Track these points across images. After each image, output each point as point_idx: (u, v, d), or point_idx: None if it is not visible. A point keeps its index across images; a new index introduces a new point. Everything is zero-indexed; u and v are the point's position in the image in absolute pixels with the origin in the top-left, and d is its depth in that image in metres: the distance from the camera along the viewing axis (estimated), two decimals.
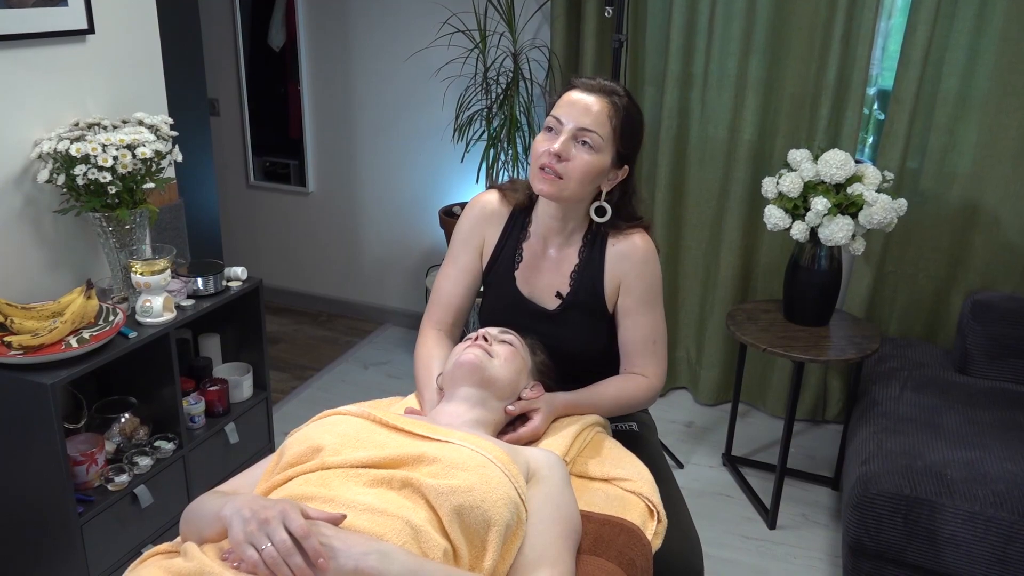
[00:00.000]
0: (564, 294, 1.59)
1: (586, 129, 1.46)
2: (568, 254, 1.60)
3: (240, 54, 3.74)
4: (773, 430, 3.04)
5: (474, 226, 1.67)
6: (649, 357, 1.59)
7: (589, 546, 1.29)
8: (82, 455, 1.93)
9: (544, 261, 1.61)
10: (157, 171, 2.04)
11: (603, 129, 1.47)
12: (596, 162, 1.48)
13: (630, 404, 1.59)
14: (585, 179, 1.48)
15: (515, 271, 1.63)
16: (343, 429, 1.21)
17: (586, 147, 1.46)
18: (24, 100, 1.96)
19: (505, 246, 1.64)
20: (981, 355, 2.49)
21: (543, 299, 1.61)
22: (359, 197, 3.78)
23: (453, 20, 3.21)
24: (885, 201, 2.29)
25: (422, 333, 1.70)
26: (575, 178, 1.47)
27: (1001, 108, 2.53)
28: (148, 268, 1.96)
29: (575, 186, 1.48)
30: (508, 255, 1.64)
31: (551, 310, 1.60)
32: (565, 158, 1.46)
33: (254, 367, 2.42)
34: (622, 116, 1.49)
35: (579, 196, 1.52)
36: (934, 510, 1.95)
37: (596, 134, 1.46)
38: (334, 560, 0.96)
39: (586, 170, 1.47)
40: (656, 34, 2.93)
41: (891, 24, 2.82)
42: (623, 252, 1.56)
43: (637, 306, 1.57)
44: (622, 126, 1.49)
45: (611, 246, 1.57)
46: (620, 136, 1.49)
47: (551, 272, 1.60)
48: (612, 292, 1.58)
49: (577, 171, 1.46)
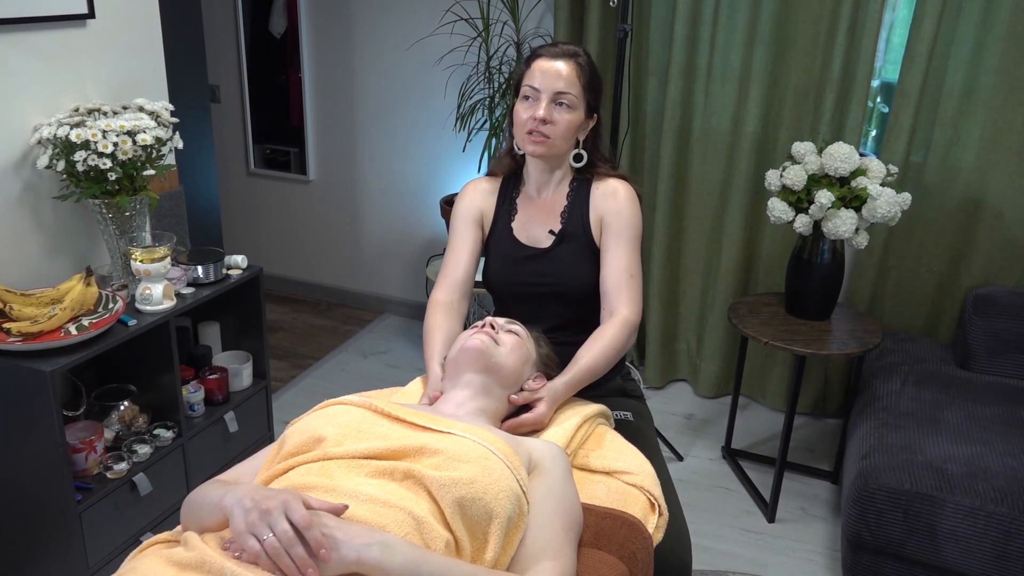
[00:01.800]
0: (556, 231, 1.72)
1: (562, 92, 1.63)
2: (558, 199, 1.75)
3: (241, 41, 3.72)
4: (773, 423, 3.04)
5: (470, 203, 1.81)
6: (624, 291, 1.66)
7: (590, 539, 1.29)
8: (81, 443, 1.92)
9: (538, 210, 1.76)
10: (157, 158, 2.03)
11: (575, 88, 1.64)
12: (575, 119, 1.66)
13: (616, 349, 1.63)
14: (568, 135, 1.67)
15: (512, 223, 1.77)
16: (345, 419, 1.20)
17: (564, 107, 1.65)
18: (24, 85, 1.94)
19: (502, 209, 1.79)
20: (982, 350, 2.49)
21: (539, 240, 1.74)
22: (360, 186, 3.77)
23: (456, 8, 3.19)
24: (889, 195, 2.28)
25: (430, 305, 1.77)
26: (560, 136, 1.65)
27: (1006, 103, 2.52)
28: (148, 255, 1.95)
29: (561, 143, 1.67)
30: (505, 214, 1.79)
31: (546, 247, 1.73)
32: (550, 121, 1.64)
33: (254, 356, 2.41)
34: (587, 73, 1.66)
35: (565, 149, 1.71)
36: (934, 505, 1.95)
37: (571, 94, 1.64)
38: (336, 551, 0.96)
39: (568, 127, 1.66)
40: (660, 25, 2.92)
41: (896, 17, 2.81)
42: (605, 192, 1.72)
43: (615, 240, 1.69)
44: (589, 82, 1.66)
45: (595, 188, 1.73)
46: (589, 91, 1.67)
47: (544, 216, 1.75)
48: (597, 228, 1.72)
49: (561, 129, 1.65)
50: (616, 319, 1.64)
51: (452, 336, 1.65)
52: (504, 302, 1.81)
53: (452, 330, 1.69)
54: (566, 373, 1.56)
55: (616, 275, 1.67)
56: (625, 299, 1.66)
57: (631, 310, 1.66)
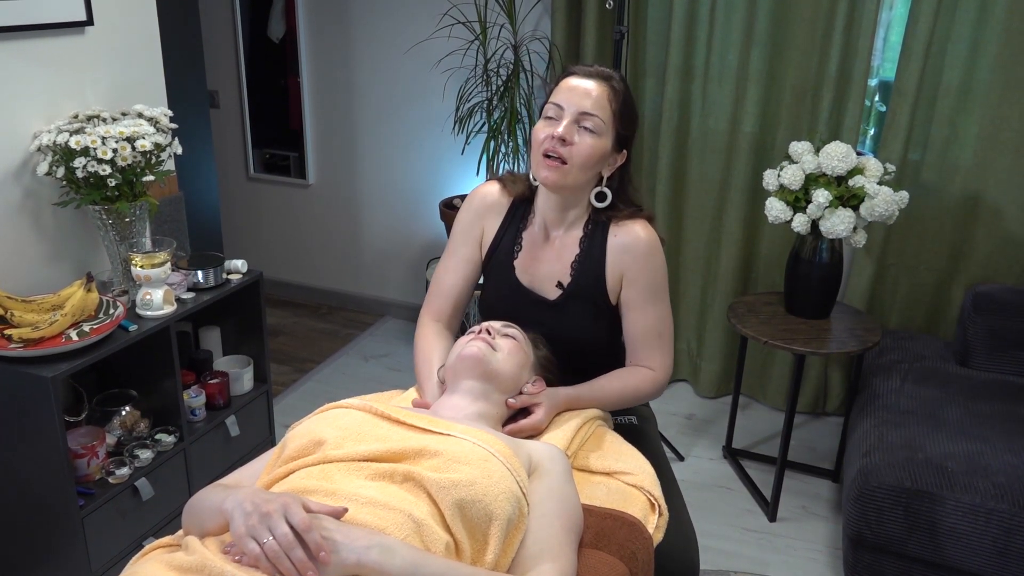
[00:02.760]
0: (565, 284, 1.58)
1: (588, 113, 1.46)
2: (569, 244, 1.58)
3: (240, 46, 3.72)
4: (774, 422, 3.04)
5: (474, 217, 1.68)
6: (654, 350, 1.58)
7: (591, 540, 1.29)
8: (83, 448, 1.93)
9: (544, 251, 1.60)
10: (157, 164, 2.04)
11: (604, 112, 1.47)
12: (599, 146, 1.47)
13: (635, 398, 1.58)
14: (588, 163, 1.48)
15: (514, 260, 1.62)
16: (345, 422, 1.21)
17: (588, 131, 1.46)
18: (23, 92, 1.95)
19: (504, 236, 1.64)
20: (982, 347, 2.49)
21: (543, 288, 1.60)
22: (359, 189, 3.78)
23: (453, 11, 3.19)
24: (887, 193, 2.28)
25: (420, 325, 1.70)
26: (578, 163, 1.46)
27: (1003, 100, 2.52)
28: (148, 261, 1.95)
29: (578, 172, 1.48)
30: (507, 245, 1.63)
31: (552, 300, 1.59)
32: (569, 142, 1.46)
33: (255, 360, 2.42)
34: (621, 99, 1.49)
35: (581, 183, 1.51)
36: (935, 502, 1.95)
37: (598, 117, 1.46)
38: (336, 553, 0.96)
39: (589, 154, 1.46)
40: (657, 26, 2.92)
41: (893, 15, 2.81)
42: (625, 244, 1.55)
43: (641, 298, 1.56)
44: (621, 109, 1.49)
45: (612, 236, 1.55)
46: (620, 119, 1.49)
47: (552, 261, 1.59)
48: (614, 284, 1.57)
49: (581, 155, 1.46)
50: (650, 375, 1.58)
51: (443, 356, 1.56)
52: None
53: (444, 349, 1.60)
54: (575, 387, 1.52)
55: (643, 337, 1.57)
56: (657, 360, 1.58)
57: (663, 371, 1.59)
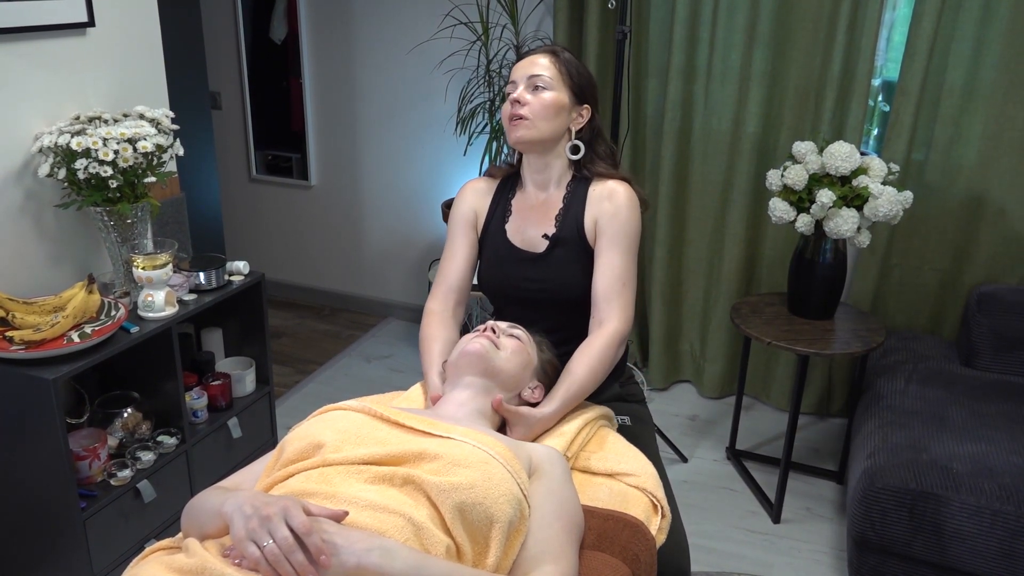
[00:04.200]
0: (550, 235, 1.67)
1: (535, 75, 1.61)
2: (554, 200, 1.69)
3: (241, 47, 3.73)
4: (777, 424, 3.03)
5: (466, 206, 1.77)
6: (615, 300, 1.60)
7: (593, 541, 1.29)
8: (84, 450, 1.93)
9: (533, 211, 1.71)
10: (158, 165, 2.04)
11: (549, 71, 1.62)
12: (553, 97, 1.61)
13: (605, 364, 1.57)
14: (548, 113, 1.61)
15: (505, 224, 1.72)
16: (344, 425, 1.20)
17: (540, 89, 1.61)
18: (24, 94, 1.95)
19: (496, 210, 1.74)
20: (987, 348, 2.48)
21: (533, 244, 1.69)
22: (361, 191, 3.77)
23: (455, 12, 3.19)
24: (891, 193, 2.27)
25: (425, 314, 1.74)
26: (539, 114, 1.60)
27: (1007, 99, 2.51)
28: (150, 262, 1.95)
29: (542, 123, 1.61)
30: (499, 215, 1.74)
31: (539, 252, 1.68)
32: (524, 102, 1.61)
33: (257, 361, 2.42)
34: (565, 60, 1.64)
35: (550, 133, 1.63)
36: (940, 504, 1.94)
37: (544, 75, 1.61)
38: (336, 557, 0.96)
39: (546, 105, 1.61)
40: (659, 26, 2.92)
41: (896, 15, 2.80)
42: (602, 194, 1.65)
43: (610, 245, 1.62)
44: (568, 68, 1.63)
45: (592, 189, 1.67)
46: (569, 75, 1.63)
47: (539, 218, 1.69)
48: (592, 229, 1.65)
49: (538, 107, 1.60)
50: (605, 331, 1.58)
51: (450, 345, 1.61)
52: (498, 304, 1.78)
53: (449, 339, 1.66)
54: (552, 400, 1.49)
55: (607, 283, 1.60)
56: (616, 309, 1.59)
57: (621, 321, 1.59)
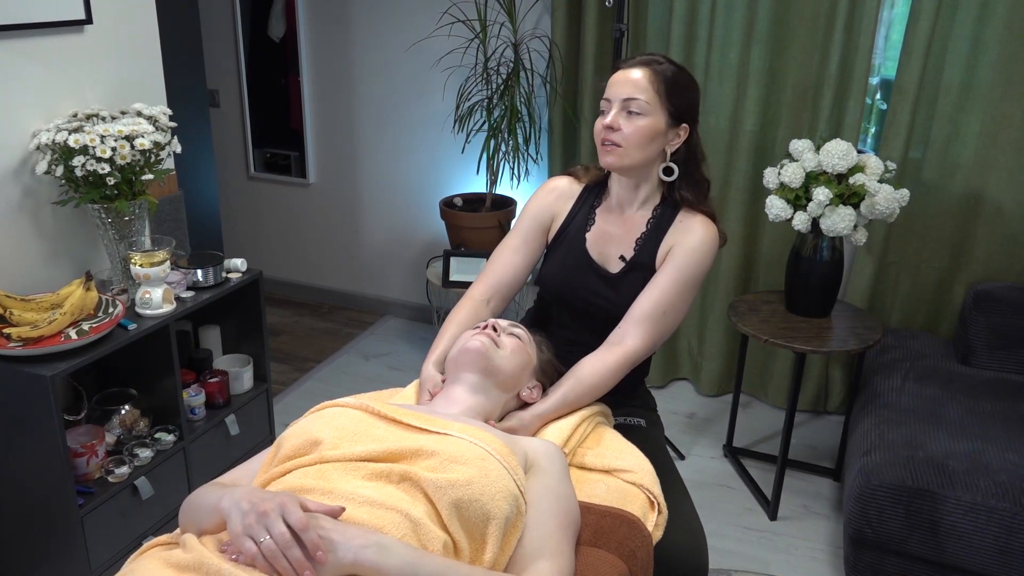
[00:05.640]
0: (628, 258, 1.64)
1: (631, 98, 1.55)
2: (638, 222, 1.66)
3: (240, 45, 3.72)
4: (774, 421, 3.04)
5: (545, 204, 1.74)
6: (649, 325, 1.56)
7: (589, 537, 1.29)
8: (82, 447, 1.93)
9: (616, 227, 1.67)
10: (156, 162, 2.04)
11: (646, 94, 1.55)
12: (648, 125, 1.56)
13: (611, 380, 1.55)
14: (642, 142, 1.56)
15: (586, 233, 1.69)
16: (341, 422, 1.20)
17: (635, 114, 1.56)
18: (22, 91, 1.95)
19: (578, 214, 1.71)
20: (983, 346, 2.49)
21: (608, 262, 1.66)
22: (360, 188, 3.77)
23: (453, 10, 3.19)
24: (887, 191, 2.28)
25: (463, 299, 1.71)
26: (632, 143, 1.56)
27: (1005, 97, 2.51)
28: (147, 260, 1.95)
29: (634, 151, 1.57)
30: (580, 221, 1.70)
31: (614, 273, 1.65)
32: (618, 128, 1.56)
33: (254, 359, 2.42)
34: (663, 78, 1.56)
35: (642, 160, 1.59)
36: (936, 501, 1.94)
37: (640, 100, 1.55)
38: (333, 553, 0.96)
39: (640, 134, 1.56)
40: (657, 24, 2.92)
41: (894, 13, 2.81)
42: (685, 226, 1.62)
43: (670, 272, 1.58)
44: (666, 87, 1.56)
45: (679, 220, 1.63)
46: (667, 96, 1.56)
47: (620, 238, 1.66)
48: (662, 256, 1.62)
49: (632, 136, 1.55)
50: (624, 348, 1.55)
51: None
52: (551, 305, 1.74)
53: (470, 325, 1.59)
54: (549, 398, 1.50)
55: (651, 305, 1.56)
56: (645, 333, 1.56)
57: (643, 346, 1.56)
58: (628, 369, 1.57)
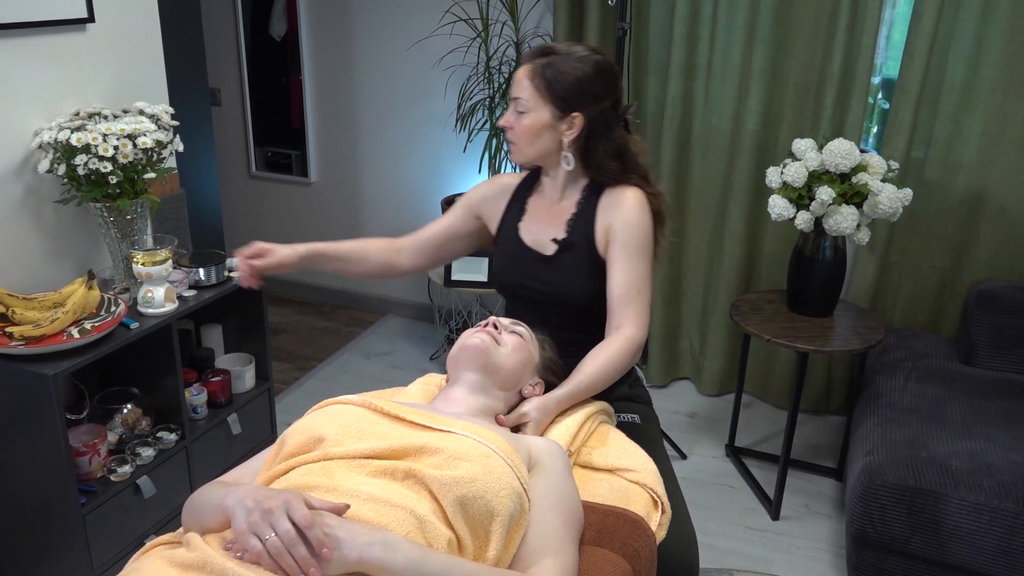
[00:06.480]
0: (559, 239, 1.69)
1: (515, 97, 1.64)
2: (567, 206, 1.71)
3: (241, 44, 3.72)
4: (777, 421, 3.04)
5: (479, 193, 1.83)
6: (630, 307, 1.61)
7: (593, 537, 1.29)
8: (84, 446, 1.93)
9: (547, 214, 1.73)
10: (158, 161, 2.04)
11: (527, 92, 1.62)
12: (531, 122, 1.63)
13: (618, 367, 1.58)
14: (529, 138, 1.65)
15: (519, 223, 1.75)
16: (345, 419, 1.20)
17: (521, 113, 1.64)
18: (24, 90, 1.95)
19: (512, 207, 1.78)
20: (986, 345, 2.49)
21: (543, 246, 1.71)
22: (361, 187, 3.77)
23: (455, 9, 3.19)
24: (890, 191, 2.28)
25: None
26: (522, 140, 1.65)
27: (1007, 97, 2.51)
28: (150, 258, 1.95)
29: (526, 147, 1.66)
30: (514, 213, 1.77)
31: (549, 255, 1.70)
32: (509, 127, 1.66)
33: (256, 358, 2.42)
34: (542, 73, 1.61)
35: (537, 155, 1.68)
36: (938, 501, 1.94)
37: (521, 99, 1.63)
38: (338, 550, 0.96)
39: (525, 132, 1.64)
40: (660, 23, 2.91)
41: (896, 13, 2.80)
42: (614, 201, 1.66)
43: (621, 252, 1.63)
44: (545, 81, 1.60)
45: (604, 196, 1.68)
46: (547, 90, 1.61)
47: (552, 220, 1.72)
48: (602, 237, 1.66)
49: (520, 134, 1.65)
50: (622, 336, 1.59)
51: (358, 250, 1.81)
52: (510, 303, 1.80)
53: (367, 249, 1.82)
54: (564, 386, 1.52)
55: (623, 290, 1.61)
56: (632, 316, 1.60)
57: (638, 328, 1.60)
58: (633, 353, 1.60)
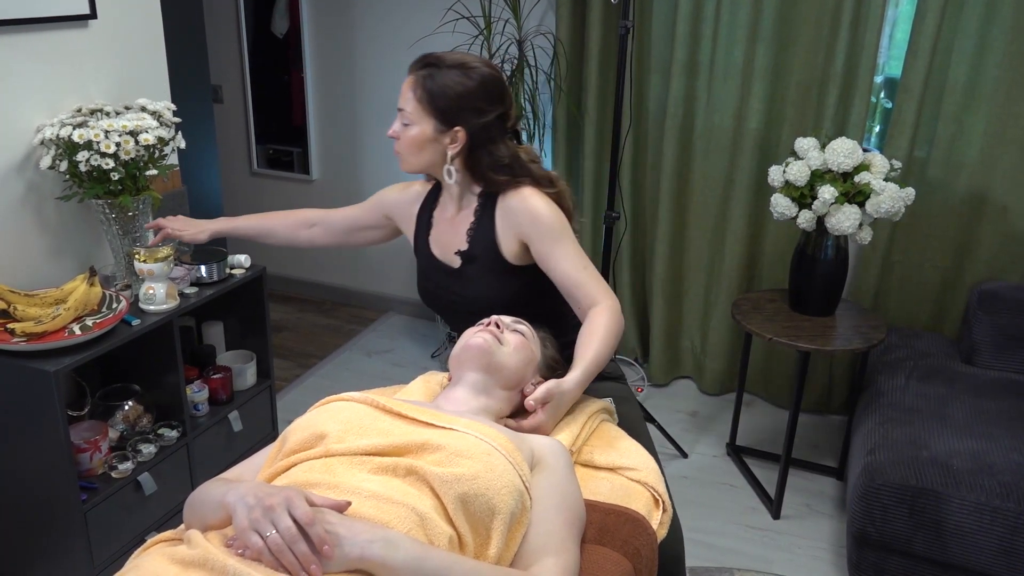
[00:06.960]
0: (462, 251, 1.69)
1: (400, 109, 1.63)
2: (465, 215, 1.70)
3: (243, 41, 3.72)
4: (778, 420, 3.03)
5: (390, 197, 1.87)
6: (590, 283, 1.59)
7: (594, 535, 1.29)
8: (86, 443, 1.93)
9: (449, 225, 1.73)
10: (160, 158, 2.03)
11: (409, 104, 1.60)
12: (415, 133, 1.61)
13: (615, 334, 1.57)
14: (413, 150, 1.63)
15: (428, 236, 1.77)
16: (347, 416, 1.20)
17: (405, 125, 1.62)
18: (26, 86, 1.95)
19: (421, 219, 1.79)
20: (988, 345, 2.48)
21: (449, 258, 1.72)
22: (362, 185, 3.77)
23: (457, 6, 3.18)
24: (893, 190, 2.27)
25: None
26: (406, 152, 1.64)
27: (1010, 97, 2.51)
28: (151, 255, 1.95)
29: (411, 158, 1.65)
30: (423, 226, 1.78)
31: (456, 267, 1.71)
32: (395, 137, 1.65)
33: (258, 355, 2.42)
34: (424, 86, 1.59)
35: (422, 166, 1.67)
36: (940, 501, 1.94)
37: (405, 111, 1.61)
38: (339, 547, 0.96)
39: (408, 144, 1.63)
40: (662, 21, 2.91)
41: (899, 12, 2.80)
42: (511, 206, 1.63)
43: (547, 245, 1.60)
44: (427, 95, 1.58)
45: (501, 202, 1.64)
46: (429, 103, 1.58)
47: (453, 233, 1.72)
48: (509, 244, 1.64)
49: (404, 146, 1.64)
50: (602, 308, 1.58)
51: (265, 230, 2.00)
52: (438, 313, 1.85)
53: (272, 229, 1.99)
54: (575, 369, 1.50)
55: (573, 274, 1.59)
56: (597, 290, 1.59)
57: (609, 296, 1.60)
58: (620, 319, 1.59)
